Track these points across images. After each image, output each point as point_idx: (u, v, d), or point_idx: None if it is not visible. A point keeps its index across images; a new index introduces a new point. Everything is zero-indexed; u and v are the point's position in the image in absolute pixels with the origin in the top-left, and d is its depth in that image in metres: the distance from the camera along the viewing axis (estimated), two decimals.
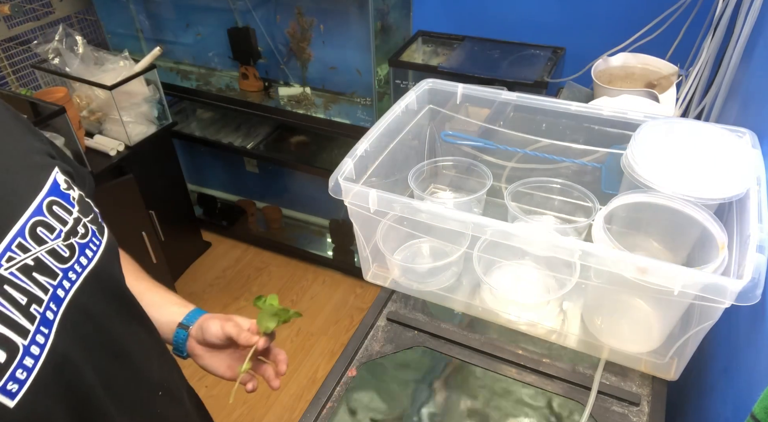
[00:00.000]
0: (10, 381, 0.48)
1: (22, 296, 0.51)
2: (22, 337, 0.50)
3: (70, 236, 0.58)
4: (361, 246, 0.88)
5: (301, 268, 2.52)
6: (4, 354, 0.48)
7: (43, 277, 0.54)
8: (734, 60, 1.07)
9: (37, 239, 0.54)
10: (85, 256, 0.59)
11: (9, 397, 0.48)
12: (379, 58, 1.85)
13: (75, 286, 0.57)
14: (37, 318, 0.52)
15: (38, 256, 0.54)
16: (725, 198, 0.70)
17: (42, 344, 0.52)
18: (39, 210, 0.55)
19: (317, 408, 0.77)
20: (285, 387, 2.04)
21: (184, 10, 2.18)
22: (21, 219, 0.53)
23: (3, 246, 0.51)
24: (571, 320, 0.84)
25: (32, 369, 0.50)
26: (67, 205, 0.59)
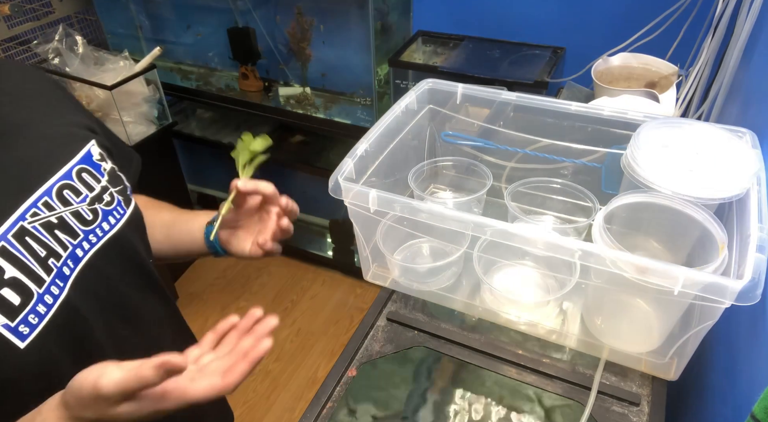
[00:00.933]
0: (22, 324, 0.53)
1: (41, 249, 0.56)
2: (37, 285, 0.55)
3: (95, 202, 0.63)
4: (361, 246, 0.88)
5: (301, 268, 2.52)
6: (19, 299, 0.53)
7: (64, 235, 0.59)
8: (734, 60, 1.07)
9: (63, 200, 0.59)
10: (108, 222, 0.64)
11: (20, 338, 0.53)
12: (379, 58, 1.85)
13: (94, 248, 0.62)
14: (54, 271, 0.56)
15: (62, 216, 0.59)
16: (725, 198, 0.70)
17: (56, 295, 0.56)
18: (68, 175, 0.61)
19: (317, 408, 0.77)
20: (285, 387, 2.04)
21: (184, 10, 2.18)
22: (50, 181, 0.59)
23: (29, 202, 0.56)
24: (571, 320, 0.84)
25: (44, 316, 0.55)
26: (97, 174, 0.65)
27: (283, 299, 2.36)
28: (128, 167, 0.78)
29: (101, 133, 0.72)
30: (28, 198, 0.57)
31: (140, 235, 0.71)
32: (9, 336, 0.52)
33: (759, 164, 0.71)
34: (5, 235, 0.54)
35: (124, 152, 0.79)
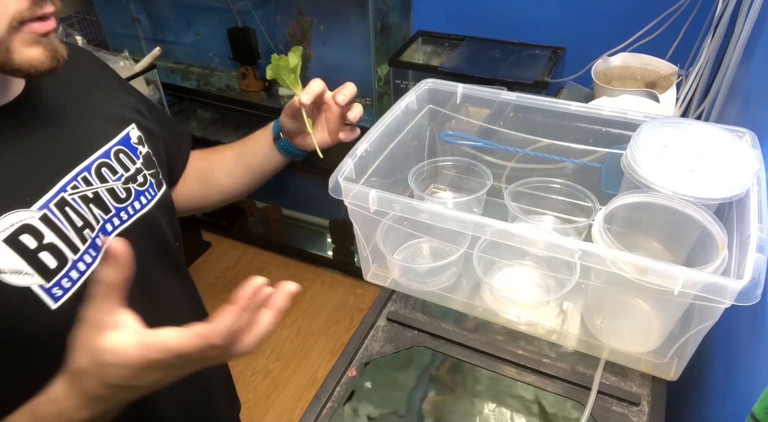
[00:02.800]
0: (56, 286, 0.58)
1: (78, 219, 0.61)
2: (72, 252, 0.60)
3: (129, 181, 0.69)
4: (361, 246, 0.88)
5: (301, 268, 2.52)
6: (55, 262, 0.58)
7: (98, 210, 0.64)
8: (734, 60, 1.07)
9: (100, 177, 0.65)
10: (139, 202, 0.70)
11: (53, 299, 0.58)
12: (379, 58, 1.85)
13: (124, 225, 0.67)
14: (88, 241, 0.62)
15: (98, 191, 0.65)
16: (725, 198, 0.70)
17: (89, 263, 0.62)
18: (107, 154, 0.67)
19: (317, 408, 0.77)
20: (285, 387, 2.04)
21: (184, 10, 2.18)
22: (91, 158, 0.65)
23: (71, 175, 0.62)
24: (571, 320, 0.84)
25: (76, 281, 0.60)
26: (133, 156, 0.71)
27: None
28: (180, 142, 0.88)
29: (149, 113, 0.79)
30: (70, 171, 0.62)
31: (168, 218, 0.76)
32: (43, 296, 0.57)
33: (759, 164, 0.71)
34: (48, 204, 0.59)
35: (175, 129, 0.87)
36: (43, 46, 0.55)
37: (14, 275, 0.55)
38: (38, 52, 0.55)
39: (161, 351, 0.47)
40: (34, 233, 0.57)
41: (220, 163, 0.89)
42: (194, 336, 0.47)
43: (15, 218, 0.56)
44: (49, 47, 0.56)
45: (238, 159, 0.89)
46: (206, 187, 0.91)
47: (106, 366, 0.48)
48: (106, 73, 0.76)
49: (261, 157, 0.87)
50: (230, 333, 0.47)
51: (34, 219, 0.57)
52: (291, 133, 0.84)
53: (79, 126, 0.66)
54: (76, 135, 0.65)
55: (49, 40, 0.56)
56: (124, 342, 0.47)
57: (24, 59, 0.54)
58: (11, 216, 0.56)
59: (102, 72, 0.76)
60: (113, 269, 0.49)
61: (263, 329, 0.51)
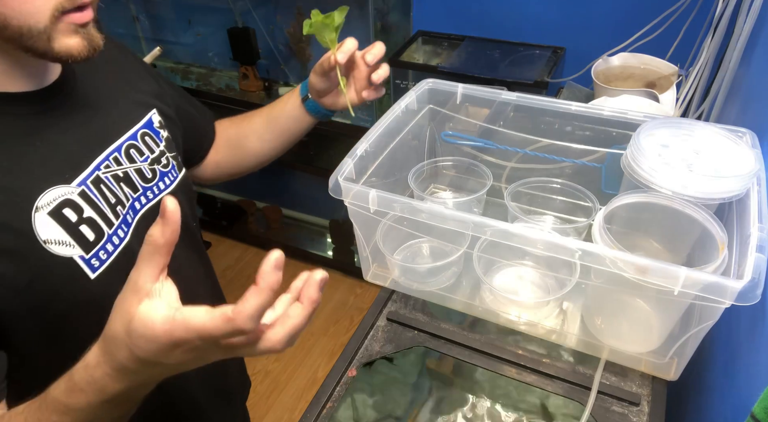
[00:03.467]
0: (94, 257, 0.62)
1: (112, 196, 0.66)
2: (108, 227, 0.65)
3: (154, 163, 0.74)
4: (361, 246, 0.88)
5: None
6: (93, 235, 0.63)
7: (127, 188, 0.69)
8: (734, 60, 1.07)
9: (129, 157, 0.71)
10: (164, 182, 0.75)
11: (91, 269, 0.62)
12: None
13: (151, 203, 0.72)
14: (120, 217, 0.67)
15: (127, 171, 0.70)
16: (725, 198, 0.70)
17: (122, 237, 0.66)
18: (134, 136, 0.73)
19: (317, 408, 0.77)
20: (285, 387, 2.04)
21: (184, 11, 2.18)
22: (120, 139, 0.70)
23: (104, 155, 0.67)
24: (571, 320, 0.84)
25: (111, 253, 0.65)
26: (156, 139, 0.76)
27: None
28: (206, 118, 0.93)
29: (173, 96, 0.84)
30: (103, 151, 0.67)
31: (188, 199, 0.80)
32: (83, 266, 0.61)
33: (759, 164, 0.71)
34: (85, 181, 0.64)
35: (199, 107, 0.92)
36: (81, 35, 0.59)
37: (58, 246, 0.59)
38: (77, 41, 0.58)
39: (186, 330, 0.44)
40: (74, 207, 0.61)
41: (250, 128, 0.93)
42: (219, 318, 0.43)
43: (57, 193, 0.60)
44: (87, 37, 0.59)
45: (267, 123, 0.93)
46: (240, 152, 0.97)
47: (135, 336, 0.45)
48: (131, 60, 0.81)
49: (290, 118, 0.90)
50: (256, 315, 0.43)
51: (74, 195, 0.62)
52: (320, 92, 0.86)
53: (109, 109, 0.71)
54: (108, 117, 0.70)
55: (87, 30, 0.59)
56: (154, 314, 0.45)
57: (63, 48, 0.57)
58: (54, 192, 0.60)
59: (127, 59, 0.81)
60: (161, 227, 0.46)
61: (294, 323, 0.47)
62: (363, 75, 0.84)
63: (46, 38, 0.56)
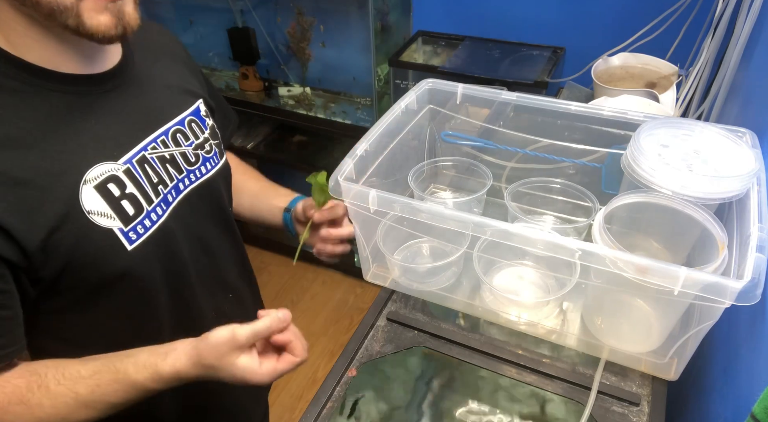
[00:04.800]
0: (132, 231, 0.67)
1: (155, 176, 0.70)
2: (147, 203, 0.69)
3: (198, 148, 0.78)
4: (361, 246, 0.88)
5: (301, 268, 2.52)
6: (133, 210, 0.67)
7: (173, 170, 0.73)
8: (734, 60, 1.07)
9: (175, 141, 0.75)
10: (206, 167, 0.79)
11: (129, 242, 0.67)
12: (379, 58, 1.85)
13: (193, 185, 0.77)
14: (161, 196, 0.71)
15: (173, 153, 0.74)
16: (725, 198, 0.70)
17: (160, 214, 0.70)
18: (182, 122, 0.77)
19: (317, 408, 0.77)
20: (285, 387, 2.04)
21: (184, 10, 2.18)
22: (168, 123, 0.75)
23: (151, 138, 0.71)
24: (571, 320, 0.84)
25: (148, 228, 0.69)
26: (202, 126, 0.80)
27: (283, 299, 2.36)
28: (228, 124, 0.95)
29: (210, 93, 0.88)
30: (151, 134, 0.71)
31: (226, 185, 0.85)
32: (121, 238, 0.66)
33: (759, 164, 0.71)
34: (131, 160, 0.68)
35: (224, 110, 0.95)
36: (111, 12, 0.59)
37: (101, 217, 0.64)
38: (105, 18, 0.59)
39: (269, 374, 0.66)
40: (118, 183, 0.66)
41: (240, 186, 0.94)
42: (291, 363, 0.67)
43: (104, 169, 0.65)
44: (117, 14, 0.60)
45: (252, 197, 0.96)
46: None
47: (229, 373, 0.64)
48: (183, 53, 0.85)
49: (268, 212, 0.94)
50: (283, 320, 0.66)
51: (119, 172, 0.66)
52: (299, 216, 0.90)
53: (161, 95, 0.75)
54: (159, 103, 0.74)
55: (117, 6, 0.60)
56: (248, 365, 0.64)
57: (92, 24, 0.58)
58: (102, 167, 0.65)
59: (180, 51, 0.84)
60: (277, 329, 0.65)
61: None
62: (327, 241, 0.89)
63: (75, 14, 0.57)
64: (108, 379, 0.63)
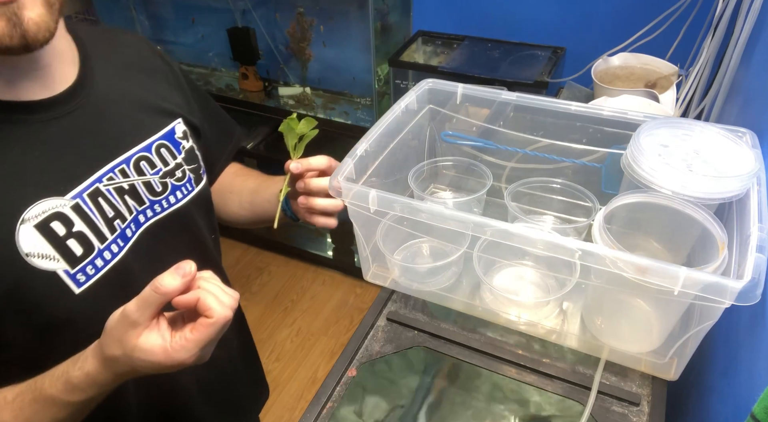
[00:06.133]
0: (80, 272, 0.60)
1: (110, 210, 0.63)
2: (99, 241, 0.62)
3: (167, 176, 0.70)
4: (361, 246, 0.88)
5: (301, 268, 2.52)
6: (81, 250, 0.60)
7: (132, 201, 0.66)
8: (734, 60, 1.07)
9: (138, 170, 0.67)
10: (175, 196, 0.71)
11: (76, 284, 0.60)
12: (379, 58, 1.85)
13: (157, 217, 0.69)
14: (117, 231, 0.64)
15: (134, 183, 0.66)
16: (725, 198, 0.70)
17: (115, 252, 0.63)
18: (148, 148, 0.69)
19: (317, 408, 0.77)
20: (285, 387, 2.04)
21: (184, 11, 2.18)
22: (131, 150, 0.67)
23: (108, 167, 0.64)
24: (571, 320, 0.84)
25: (100, 269, 0.62)
26: (175, 151, 0.72)
27: (283, 299, 2.36)
28: (228, 141, 0.88)
29: (201, 109, 0.80)
30: (108, 163, 0.64)
31: (204, 212, 0.78)
32: (67, 281, 0.59)
33: (759, 164, 0.71)
34: (81, 194, 0.61)
35: (225, 127, 0.88)
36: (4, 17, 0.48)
37: (42, 259, 0.57)
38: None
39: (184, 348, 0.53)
40: (64, 221, 0.59)
41: (239, 188, 0.88)
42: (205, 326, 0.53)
43: (48, 205, 0.58)
44: (12, 19, 0.49)
45: (252, 194, 0.88)
46: (219, 203, 0.90)
47: (136, 359, 0.53)
48: (162, 66, 0.76)
49: (268, 202, 0.86)
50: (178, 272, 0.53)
51: (65, 208, 0.59)
52: (293, 194, 0.82)
53: (124, 118, 0.67)
54: (121, 128, 0.66)
55: (11, 9, 0.48)
56: (152, 344, 0.53)
57: None
58: (45, 204, 0.58)
59: (157, 64, 0.76)
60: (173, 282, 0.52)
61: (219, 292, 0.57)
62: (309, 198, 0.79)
63: None
64: (29, 399, 0.57)
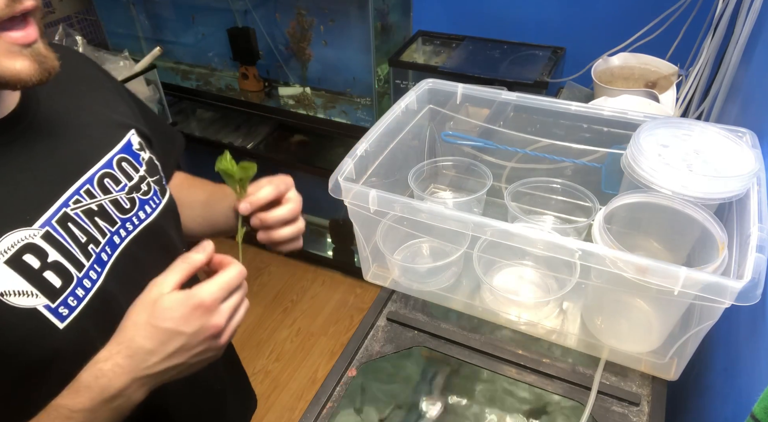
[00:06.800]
0: (62, 305, 0.56)
1: (82, 235, 0.59)
2: (77, 269, 0.58)
3: (133, 191, 0.66)
4: (361, 246, 0.88)
5: (301, 268, 2.52)
6: (60, 281, 0.56)
7: (104, 223, 0.62)
8: (734, 60, 1.07)
9: (103, 188, 0.63)
10: (144, 211, 0.67)
11: (59, 319, 0.56)
12: (379, 58, 1.85)
13: (131, 236, 0.65)
14: (93, 257, 0.60)
15: (102, 203, 0.62)
16: (725, 198, 0.70)
17: (94, 279, 0.60)
18: (109, 163, 0.64)
19: (317, 408, 0.77)
20: (285, 387, 2.04)
21: (184, 10, 2.17)
22: (92, 169, 0.62)
23: (73, 189, 0.59)
24: (571, 320, 0.84)
25: (82, 299, 0.58)
26: (136, 164, 0.68)
27: (283, 299, 2.36)
28: (171, 148, 0.83)
29: (144, 117, 0.76)
30: (72, 185, 0.60)
31: (174, 224, 0.74)
32: (50, 317, 0.55)
33: (759, 164, 0.71)
34: (50, 221, 0.56)
35: (167, 134, 0.83)
36: (29, 57, 0.51)
37: (19, 297, 0.53)
38: (24, 64, 0.51)
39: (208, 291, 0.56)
40: (37, 252, 0.55)
41: (189, 201, 0.83)
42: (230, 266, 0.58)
43: (16, 237, 0.54)
44: (36, 58, 0.51)
45: (204, 206, 0.83)
46: None
47: (162, 310, 0.54)
48: (103, 78, 0.73)
49: (223, 215, 0.81)
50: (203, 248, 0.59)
51: (36, 238, 0.55)
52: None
53: (78, 136, 0.63)
54: (77, 146, 0.62)
55: (35, 49, 0.51)
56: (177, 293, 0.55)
57: (8, 72, 0.50)
58: (13, 236, 0.53)
59: (99, 76, 0.72)
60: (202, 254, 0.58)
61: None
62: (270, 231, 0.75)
63: None
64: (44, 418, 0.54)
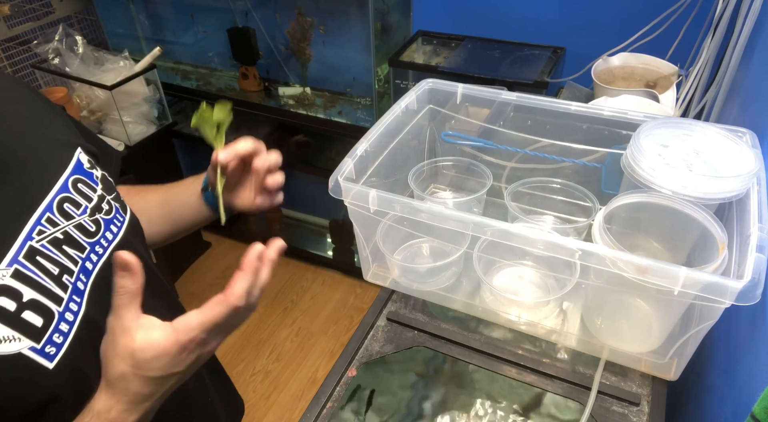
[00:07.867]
0: (48, 344, 0.52)
1: (54, 267, 0.55)
2: (56, 304, 0.54)
3: (95, 212, 0.62)
4: (361, 246, 0.88)
5: (301, 268, 2.52)
6: (41, 319, 0.52)
7: (72, 250, 0.57)
8: (734, 60, 1.07)
9: (65, 214, 0.58)
10: (111, 231, 0.63)
11: (48, 359, 0.52)
12: (379, 58, 1.85)
13: (102, 259, 0.61)
14: (70, 288, 0.56)
15: (67, 230, 0.57)
16: (725, 198, 0.70)
17: (75, 311, 0.56)
18: (65, 187, 0.59)
19: (317, 408, 0.77)
20: (285, 387, 2.04)
21: (184, 11, 2.18)
22: (49, 195, 0.57)
23: (33, 220, 0.55)
24: (571, 320, 0.84)
25: (68, 334, 0.54)
26: (91, 183, 0.63)
27: (283, 299, 2.36)
28: (109, 165, 0.77)
29: (83, 135, 0.70)
30: (32, 216, 0.55)
31: (141, 239, 0.71)
32: (37, 359, 0.51)
33: (759, 164, 0.71)
34: (17, 257, 0.52)
35: (106, 151, 0.77)
36: None
37: (1, 343, 0.49)
38: None
39: (190, 330, 0.51)
40: (10, 293, 0.50)
41: (141, 207, 0.78)
42: (215, 304, 0.52)
43: None
44: None
45: (161, 206, 0.80)
46: None
47: (145, 361, 0.51)
48: (36, 97, 0.67)
49: (186, 206, 0.79)
50: (246, 294, 0.54)
51: (6, 279, 0.50)
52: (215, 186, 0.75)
53: (27, 163, 0.57)
54: (27, 174, 0.57)
55: None
56: (154, 336, 0.51)
57: None
58: None
59: (32, 96, 0.67)
60: (129, 278, 0.52)
61: (264, 282, 0.58)
62: (259, 179, 0.74)
63: None
64: None
